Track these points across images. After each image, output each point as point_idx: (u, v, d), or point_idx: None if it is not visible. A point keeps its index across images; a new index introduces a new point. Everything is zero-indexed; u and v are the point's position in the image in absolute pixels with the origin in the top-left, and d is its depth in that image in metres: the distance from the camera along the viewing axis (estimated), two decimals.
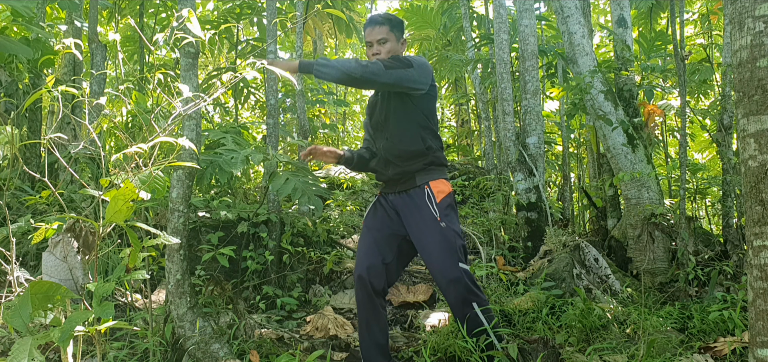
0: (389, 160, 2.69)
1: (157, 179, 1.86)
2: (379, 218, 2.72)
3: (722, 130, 4.52)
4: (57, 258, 2.12)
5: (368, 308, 2.60)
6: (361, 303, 2.62)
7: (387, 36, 2.67)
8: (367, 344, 2.64)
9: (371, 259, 2.61)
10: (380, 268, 2.60)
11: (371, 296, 2.58)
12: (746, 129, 1.90)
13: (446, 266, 2.48)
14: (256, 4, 7.60)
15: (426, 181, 2.62)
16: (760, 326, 1.87)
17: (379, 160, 2.77)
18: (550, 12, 8.63)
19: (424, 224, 2.56)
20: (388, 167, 2.70)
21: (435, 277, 2.55)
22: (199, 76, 4.71)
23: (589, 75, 4.56)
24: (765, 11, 1.86)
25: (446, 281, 2.48)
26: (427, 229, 2.55)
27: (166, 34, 2.55)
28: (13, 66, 4.94)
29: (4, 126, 1.88)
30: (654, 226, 4.31)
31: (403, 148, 2.64)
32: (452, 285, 2.47)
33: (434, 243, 2.52)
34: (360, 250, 2.69)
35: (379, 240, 2.66)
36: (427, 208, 2.57)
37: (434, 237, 2.52)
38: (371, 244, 2.66)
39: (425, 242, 2.55)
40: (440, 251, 2.50)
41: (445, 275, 2.48)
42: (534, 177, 4.93)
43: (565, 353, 2.82)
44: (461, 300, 2.49)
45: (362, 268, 2.60)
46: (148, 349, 2.79)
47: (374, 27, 2.68)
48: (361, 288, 2.60)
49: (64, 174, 4.82)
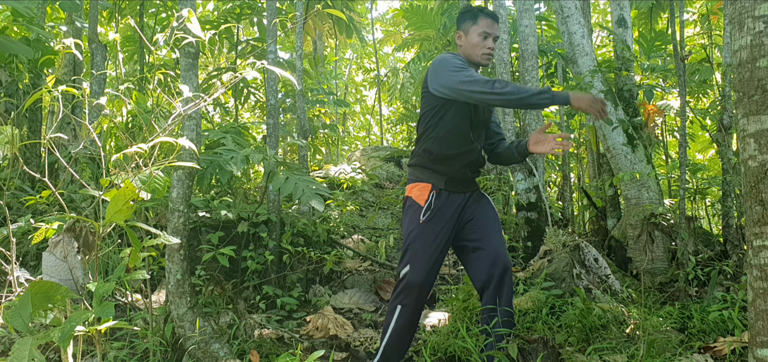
0: (475, 162, 2.74)
1: (157, 179, 1.86)
2: (438, 220, 2.60)
3: (722, 130, 4.52)
4: (57, 258, 2.11)
5: (416, 314, 2.56)
6: (414, 310, 2.53)
7: (498, 34, 2.75)
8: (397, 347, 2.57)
9: (431, 266, 2.54)
10: (436, 274, 2.59)
11: (422, 304, 2.56)
12: (746, 129, 1.90)
13: (507, 253, 2.67)
14: (256, 4, 7.60)
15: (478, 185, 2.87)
16: (759, 326, 1.88)
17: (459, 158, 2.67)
18: (550, 12, 8.63)
19: (493, 215, 2.75)
20: (471, 169, 2.74)
21: (496, 263, 2.58)
22: (199, 76, 4.71)
23: (589, 75, 4.56)
24: (765, 11, 1.86)
25: (505, 267, 2.59)
26: (496, 221, 2.74)
27: (167, 34, 2.56)
28: (13, 66, 4.95)
29: (4, 126, 1.88)
30: (654, 226, 4.31)
31: (483, 158, 2.82)
32: (509, 274, 2.60)
33: (498, 232, 2.71)
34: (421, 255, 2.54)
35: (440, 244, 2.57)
36: (489, 203, 2.80)
37: (497, 227, 2.73)
38: (432, 250, 2.55)
39: (494, 231, 2.69)
40: (502, 240, 2.70)
41: (507, 260, 2.62)
42: (534, 177, 4.93)
43: (565, 353, 2.82)
44: (512, 288, 2.63)
45: (423, 275, 2.51)
46: (148, 349, 2.79)
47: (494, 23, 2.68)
48: (420, 294, 2.51)
49: (64, 174, 4.82)
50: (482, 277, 2.58)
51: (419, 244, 2.55)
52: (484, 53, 2.63)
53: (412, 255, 2.54)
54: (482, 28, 2.63)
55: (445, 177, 2.65)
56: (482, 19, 2.65)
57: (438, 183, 2.64)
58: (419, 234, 2.56)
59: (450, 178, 2.66)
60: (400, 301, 2.52)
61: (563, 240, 4.20)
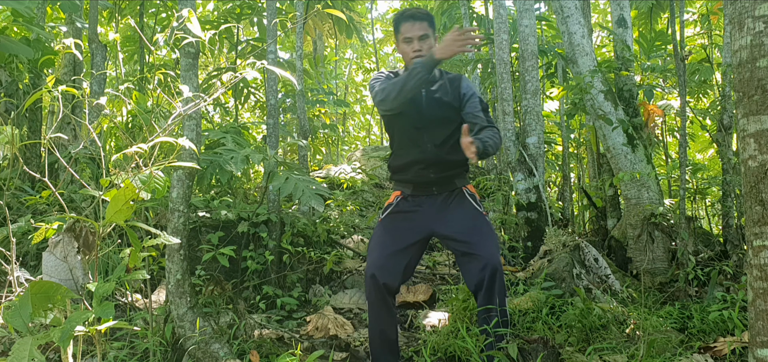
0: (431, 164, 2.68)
1: (157, 179, 1.86)
2: (400, 221, 2.69)
3: (722, 130, 4.51)
4: (57, 258, 2.11)
5: (381, 307, 2.59)
6: (374, 302, 2.60)
7: (428, 32, 2.64)
8: (379, 341, 2.63)
9: (389, 260, 2.59)
10: (398, 270, 2.60)
11: (384, 296, 2.58)
12: (746, 129, 1.90)
13: (495, 254, 2.55)
14: (256, 4, 7.60)
15: (463, 184, 2.74)
16: (759, 326, 1.88)
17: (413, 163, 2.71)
18: (550, 12, 8.63)
19: (473, 218, 2.65)
20: (429, 170, 2.69)
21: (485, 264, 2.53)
22: (200, 76, 4.71)
23: (589, 75, 4.56)
24: (765, 11, 1.86)
25: (494, 267, 2.51)
26: (478, 222, 2.64)
27: (167, 34, 2.56)
28: (13, 66, 4.95)
29: (4, 126, 1.88)
30: (654, 226, 4.31)
31: (450, 157, 2.69)
32: (499, 275, 2.52)
33: (485, 233, 2.60)
34: (377, 249, 2.64)
35: (399, 242, 2.63)
36: (472, 205, 2.69)
37: (485, 228, 2.62)
38: (389, 244, 2.63)
39: (478, 233, 2.60)
40: (491, 241, 2.59)
41: (494, 262, 2.52)
42: (534, 177, 4.93)
43: (565, 353, 2.82)
44: (503, 289, 2.55)
45: (376, 267, 2.57)
46: (148, 349, 2.79)
47: (415, 22, 2.61)
48: (373, 286, 2.57)
49: (64, 174, 4.82)
50: (474, 280, 2.57)
51: (375, 239, 2.69)
52: (413, 57, 2.62)
53: (369, 250, 2.69)
54: (404, 34, 2.65)
55: (410, 184, 2.73)
56: (402, 24, 2.66)
57: (405, 190, 2.75)
58: (376, 230, 2.73)
59: (414, 184, 2.72)
60: (367, 296, 2.64)
61: (563, 240, 4.20)
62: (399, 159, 2.76)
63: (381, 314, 2.61)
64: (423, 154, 2.67)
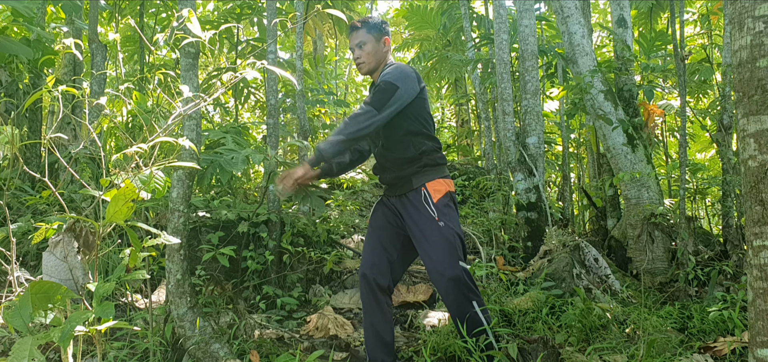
0: (385, 166, 2.75)
1: (157, 179, 1.86)
2: (382, 218, 2.77)
3: (722, 130, 4.51)
4: (57, 258, 2.11)
5: (373, 306, 2.64)
6: (366, 301, 2.65)
7: (365, 38, 2.70)
8: (373, 342, 2.66)
9: (375, 257, 2.66)
10: (384, 266, 2.65)
11: (376, 294, 2.62)
12: (746, 129, 1.90)
13: (446, 264, 2.47)
14: (256, 4, 7.60)
15: (422, 183, 2.61)
16: (759, 326, 1.87)
17: (375, 166, 2.84)
18: (550, 12, 8.63)
19: (423, 224, 2.56)
20: (385, 172, 2.76)
21: (433, 277, 2.53)
22: (200, 76, 4.71)
23: (589, 75, 4.56)
24: (765, 11, 1.86)
25: (446, 280, 2.46)
26: (427, 229, 2.54)
27: (167, 34, 2.56)
28: (13, 66, 4.95)
29: (4, 126, 1.88)
30: (654, 226, 4.31)
31: (397, 155, 2.66)
32: (452, 284, 2.46)
33: (433, 242, 2.51)
34: (365, 249, 2.74)
35: (383, 238, 2.71)
36: (425, 209, 2.56)
37: (433, 237, 2.52)
38: (376, 243, 2.71)
39: (424, 242, 2.55)
40: (440, 250, 2.50)
41: (445, 274, 2.46)
42: (534, 177, 4.93)
43: (565, 353, 2.82)
44: (462, 298, 2.48)
45: (366, 266, 2.65)
46: (148, 349, 2.79)
47: (352, 33, 2.74)
48: (365, 286, 2.64)
49: (64, 174, 4.82)
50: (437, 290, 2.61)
51: (365, 239, 2.81)
52: (356, 67, 2.76)
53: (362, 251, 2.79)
54: (350, 45, 2.76)
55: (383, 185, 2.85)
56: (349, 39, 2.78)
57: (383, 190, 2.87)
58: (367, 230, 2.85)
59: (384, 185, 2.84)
60: (360, 296, 2.72)
61: (563, 240, 4.20)
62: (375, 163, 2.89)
63: (374, 313, 2.64)
64: (379, 156, 2.77)
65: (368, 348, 2.69)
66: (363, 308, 2.69)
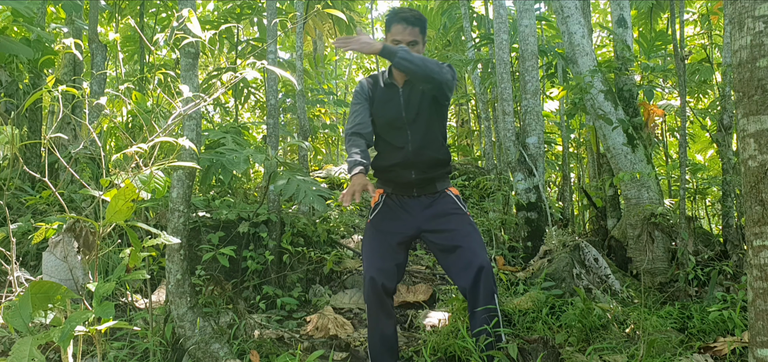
0: (415, 164, 2.66)
1: (157, 179, 1.86)
2: (388, 219, 2.72)
3: (722, 130, 4.51)
4: (57, 258, 2.11)
5: (378, 309, 2.60)
6: (372, 304, 2.60)
7: (418, 38, 2.61)
8: (377, 345, 2.64)
9: (384, 262, 2.60)
10: (392, 270, 2.61)
11: (382, 298, 2.58)
12: (746, 129, 1.90)
13: (483, 254, 2.54)
14: (256, 4, 7.60)
15: (445, 187, 2.74)
16: (759, 326, 1.87)
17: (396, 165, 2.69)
18: (550, 12, 8.63)
19: (455, 218, 2.64)
20: (409, 171, 2.67)
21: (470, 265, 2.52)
22: (200, 76, 4.71)
23: (589, 75, 4.56)
24: (765, 11, 1.86)
25: (480, 266, 2.49)
26: (460, 222, 2.64)
27: (167, 34, 2.56)
28: (13, 66, 4.95)
29: (4, 126, 1.88)
30: (654, 226, 4.31)
31: (433, 154, 2.67)
32: (485, 272, 2.50)
33: (470, 233, 2.60)
34: (371, 252, 2.66)
35: (391, 241, 2.66)
36: (455, 204, 2.69)
37: (468, 229, 2.62)
38: (383, 246, 2.65)
39: (460, 233, 2.60)
40: (478, 241, 2.59)
41: (483, 263, 2.50)
42: (534, 177, 4.93)
43: (565, 353, 2.82)
44: (491, 287, 2.52)
45: (374, 270, 2.57)
46: (148, 349, 2.79)
47: (407, 26, 2.57)
48: (372, 289, 2.56)
49: (64, 174, 4.82)
50: (461, 280, 2.56)
51: (367, 241, 2.71)
52: None
53: (363, 253, 2.70)
54: (394, 35, 2.60)
55: (391, 183, 2.75)
56: (394, 25, 2.61)
57: (387, 189, 2.76)
58: (367, 231, 2.75)
59: (395, 184, 2.74)
60: (365, 299, 2.64)
61: (563, 240, 4.20)
62: (383, 160, 2.77)
63: (380, 316, 2.61)
64: (410, 155, 2.66)
65: (372, 351, 2.67)
66: (368, 311, 2.65)
